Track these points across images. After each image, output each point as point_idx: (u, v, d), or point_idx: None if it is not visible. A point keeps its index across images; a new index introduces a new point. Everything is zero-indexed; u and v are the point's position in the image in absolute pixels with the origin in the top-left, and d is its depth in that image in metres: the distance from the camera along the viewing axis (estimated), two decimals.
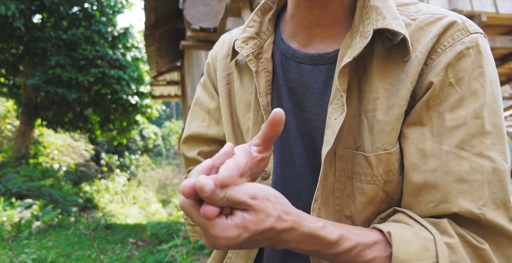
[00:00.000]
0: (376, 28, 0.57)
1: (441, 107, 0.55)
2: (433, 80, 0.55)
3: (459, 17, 0.58)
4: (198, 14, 4.51)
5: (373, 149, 0.57)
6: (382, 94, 0.57)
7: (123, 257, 4.93)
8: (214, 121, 0.79)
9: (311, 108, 0.64)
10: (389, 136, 0.56)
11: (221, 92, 0.75)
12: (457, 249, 0.50)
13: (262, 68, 0.67)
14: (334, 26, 0.64)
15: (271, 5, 0.71)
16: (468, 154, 0.53)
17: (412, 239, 0.50)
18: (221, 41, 0.81)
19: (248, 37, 0.68)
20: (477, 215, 0.51)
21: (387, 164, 0.57)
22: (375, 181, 0.57)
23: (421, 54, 0.56)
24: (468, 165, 0.53)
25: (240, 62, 0.72)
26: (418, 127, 0.56)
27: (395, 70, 0.58)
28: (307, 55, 0.65)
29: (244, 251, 0.67)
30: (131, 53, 11.36)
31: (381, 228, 0.52)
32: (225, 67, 0.75)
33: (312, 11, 0.63)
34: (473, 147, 0.53)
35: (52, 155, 12.11)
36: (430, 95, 0.55)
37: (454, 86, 0.55)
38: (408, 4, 0.64)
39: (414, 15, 0.61)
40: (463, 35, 0.56)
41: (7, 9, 8.69)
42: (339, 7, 0.63)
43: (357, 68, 0.60)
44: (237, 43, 0.68)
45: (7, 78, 11.07)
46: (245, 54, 0.66)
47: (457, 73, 0.55)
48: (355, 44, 0.58)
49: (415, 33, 0.58)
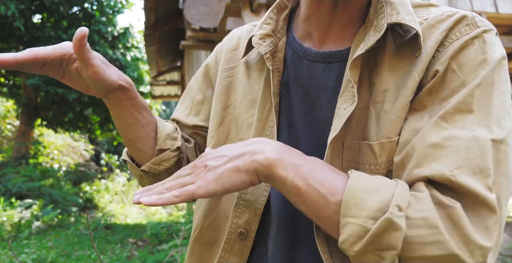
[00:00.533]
0: (390, 22, 0.58)
1: (442, 93, 0.55)
2: (438, 69, 0.56)
3: (470, 13, 0.59)
4: (198, 14, 4.51)
5: (377, 137, 0.57)
6: (391, 87, 0.58)
7: (123, 257, 4.93)
8: (194, 112, 0.86)
9: (324, 106, 0.64)
10: (394, 125, 0.57)
11: (218, 84, 0.75)
12: (422, 200, 0.47)
13: (275, 67, 0.68)
14: (348, 25, 0.65)
15: (286, 4, 0.72)
16: (449, 125, 0.51)
17: (371, 178, 0.50)
18: (230, 35, 0.83)
19: (265, 34, 0.69)
20: (447, 177, 0.47)
21: (390, 152, 0.57)
22: (379, 170, 0.57)
23: (430, 47, 0.57)
24: (447, 133, 0.50)
25: (250, 57, 0.73)
26: (419, 112, 0.56)
27: (406, 65, 0.58)
28: (319, 53, 0.65)
29: (237, 247, 0.67)
30: (131, 53, 11.36)
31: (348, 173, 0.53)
32: (230, 60, 0.76)
33: (333, 13, 0.64)
34: (456, 121, 0.51)
35: (52, 155, 12.11)
36: (433, 82, 0.56)
37: (456, 71, 0.54)
38: (421, 6, 0.64)
39: (426, 16, 0.62)
40: (471, 30, 0.56)
41: (7, 9, 8.69)
42: (357, 5, 0.64)
43: (368, 61, 0.61)
44: (255, 40, 0.68)
45: (7, 78, 11.07)
46: (264, 52, 0.67)
47: (459, 60, 0.55)
48: (369, 37, 0.59)
49: (427, 30, 0.59)
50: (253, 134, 0.68)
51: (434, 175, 0.49)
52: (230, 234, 0.67)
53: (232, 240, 0.67)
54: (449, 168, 0.48)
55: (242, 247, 0.66)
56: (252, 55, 0.73)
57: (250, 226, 0.66)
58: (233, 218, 0.67)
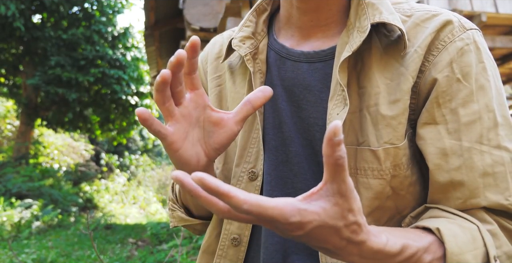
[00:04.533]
0: (373, 22, 0.58)
1: (452, 104, 0.56)
2: (437, 77, 0.56)
3: (454, 14, 0.61)
4: (198, 14, 4.51)
5: (380, 143, 0.57)
6: (383, 89, 0.58)
7: (123, 257, 4.93)
8: None
9: (309, 106, 0.64)
10: (396, 130, 0.57)
11: (210, 94, 0.75)
12: (498, 234, 0.52)
13: (257, 69, 0.68)
14: (329, 27, 0.65)
15: (265, 7, 0.72)
16: (487, 147, 0.55)
17: (459, 232, 0.50)
18: (211, 43, 0.81)
19: (245, 37, 0.68)
20: (506, 206, 0.53)
21: (395, 158, 0.57)
22: (383, 175, 0.57)
23: (421, 49, 0.57)
24: (489, 158, 0.54)
25: (232, 62, 0.73)
26: (433, 126, 0.57)
27: (394, 65, 0.59)
28: (303, 53, 0.65)
29: (232, 253, 0.66)
30: (131, 53, 11.37)
31: (428, 226, 0.52)
32: (216, 69, 0.75)
33: (306, 13, 0.64)
34: (490, 140, 0.55)
35: (52, 155, 12.11)
36: (437, 92, 0.56)
37: (461, 81, 0.56)
38: (401, 2, 0.66)
39: (409, 12, 0.62)
40: (461, 32, 0.58)
41: (7, 9, 8.69)
42: (333, 8, 0.64)
43: (356, 64, 0.61)
44: (235, 42, 0.68)
45: (7, 78, 11.08)
46: (243, 54, 0.66)
47: (462, 69, 0.56)
48: (353, 39, 0.59)
49: (412, 29, 0.60)
50: (240, 137, 0.67)
51: (491, 205, 0.53)
52: (224, 240, 0.67)
53: (226, 246, 0.66)
54: (504, 196, 0.53)
55: (237, 253, 0.66)
56: (235, 60, 0.72)
57: (243, 231, 0.66)
58: (226, 224, 0.67)
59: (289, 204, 0.36)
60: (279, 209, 0.35)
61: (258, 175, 0.66)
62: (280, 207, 0.35)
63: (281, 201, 0.36)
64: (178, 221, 0.76)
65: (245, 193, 0.35)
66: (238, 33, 0.69)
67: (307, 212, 0.37)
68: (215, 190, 0.34)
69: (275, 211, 0.35)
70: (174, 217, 0.76)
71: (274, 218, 0.35)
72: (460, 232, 0.50)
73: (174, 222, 0.77)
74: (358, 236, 0.41)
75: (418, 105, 0.59)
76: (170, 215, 0.77)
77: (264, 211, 0.35)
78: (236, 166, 0.67)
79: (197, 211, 0.75)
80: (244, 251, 0.66)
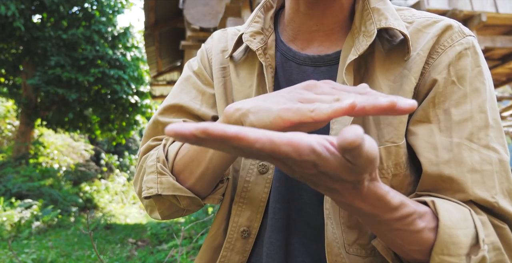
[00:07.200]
0: (380, 27, 0.60)
1: (445, 104, 0.58)
2: (437, 78, 0.59)
3: (453, 20, 0.64)
4: (198, 14, 4.51)
5: (381, 142, 0.59)
6: (385, 90, 0.60)
7: (123, 257, 4.93)
8: (208, 105, 0.75)
9: None
10: (397, 129, 0.59)
11: (217, 83, 0.75)
12: (487, 224, 0.53)
13: (268, 63, 0.68)
14: (333, 31, 0.67)
15: (272, 4, 0.73)
16: (476, 146, 0.56)
17: (452, 209, 0.51)
18: (216, 38, 0.79)
19: (255, 32, 0.69)
20: (491, 203, 0.54)
21: (396, 157, 0.59)
22: (384, 174, 0.59)
23: (423, 52, 0.60)
24: (478, 156, 0.56)
25: (236, 57, 0.73)
26: (426, 124, 0.59)
27: (396, 68, 0.61)
28: (308, 56, 0.67)
29: (239, 246, 0.66)
30: (131, 53, 11.37)
31: (424, 199, 0.53)
32: (221, 61, 0.76)
33: (312, 18, 0.65)
34: (480, 139, 0.56)
35: (52, 155, 12.11)
36: (435, 92, 0.59)
37: (456, 84, 0.58)
38: (402, 9, 0.68)
39: (410, 18, 0.65)
40: (460, 37, 0.61)
41: (7, 9, 8.69)
42: (338, 13, 0.65)
43: (359, 68, 0.63)
44: (245, 37, 0.68)
45: (7, 78, 11.07)
46: (255, 48, 0.67)
47: (458, 72, 0.59)
48: (359, 43, 0.61)
49: (414, 34, 0.62)
50: None
51: (478, 200, 0.55)
52: (232, 233, 0.67)
53: (234, 239, 0.67)
54: (490, 194, 0.55)
55: (245, 245, 0.67)
56: (238, 55, 0.73)
57: (252, 224, 0.66)
58: (234, 216, 0.67)
59: (304, 141, 0.32)
60: (294, 146, 0.32)
61: (269, 168, 0.66)
62: (294, 143, 0.32)
63: (295, 136, 0.32)
64: (167, 188, 0.63)
65: (255, 130, 0.31)
66: (248, 28, 0.70)
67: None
68: (222, 135, 0.30)
69: (289, 148, 0.32)
70: (162, 183, 0.63)
71: (288, 154, 0.32)
72: (453, 209, 0.51)
73: (159, 188, 0.63)
74: (371, 175, 0.39)
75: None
76: (155, 180, 0.64)
77: (278, 148, 0.32)
78: (245, 158, 0.67)
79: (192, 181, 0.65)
80: (252, 243, 0.67)
